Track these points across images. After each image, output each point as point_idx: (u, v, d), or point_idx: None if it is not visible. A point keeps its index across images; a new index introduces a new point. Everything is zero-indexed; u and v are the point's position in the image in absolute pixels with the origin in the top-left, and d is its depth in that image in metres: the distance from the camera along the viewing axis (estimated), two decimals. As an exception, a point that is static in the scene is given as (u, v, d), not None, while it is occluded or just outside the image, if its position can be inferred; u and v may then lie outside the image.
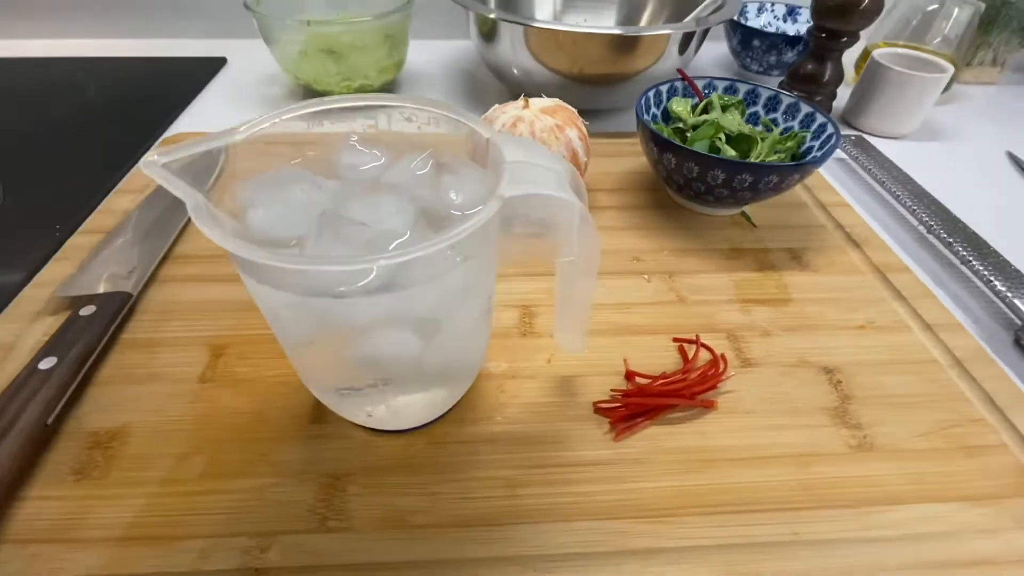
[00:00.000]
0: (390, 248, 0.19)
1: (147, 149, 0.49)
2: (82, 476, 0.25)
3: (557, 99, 0.40)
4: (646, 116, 0.42)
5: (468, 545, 0.23)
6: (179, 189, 0.19)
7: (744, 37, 0.63)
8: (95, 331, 0.29)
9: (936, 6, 0.60)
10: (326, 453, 0.26)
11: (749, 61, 0.65)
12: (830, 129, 0.39)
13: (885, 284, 0.37)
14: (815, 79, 0.54)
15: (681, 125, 0.43)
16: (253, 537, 0.23)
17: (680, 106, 0.43)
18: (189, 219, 0.38)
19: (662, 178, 0.41)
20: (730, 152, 0.39)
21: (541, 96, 0.40)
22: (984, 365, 0.31)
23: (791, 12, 0.69)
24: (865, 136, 0.56)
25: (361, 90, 0.57)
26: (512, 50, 0.50)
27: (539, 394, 0.29)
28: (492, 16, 0.48)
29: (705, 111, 0.43)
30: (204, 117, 0.55)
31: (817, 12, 0.51)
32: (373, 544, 0.23)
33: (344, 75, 0.55)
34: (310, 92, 0.58)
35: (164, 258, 0.36)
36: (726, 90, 0.45)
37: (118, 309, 0.31)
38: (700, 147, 0.39)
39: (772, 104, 0.43)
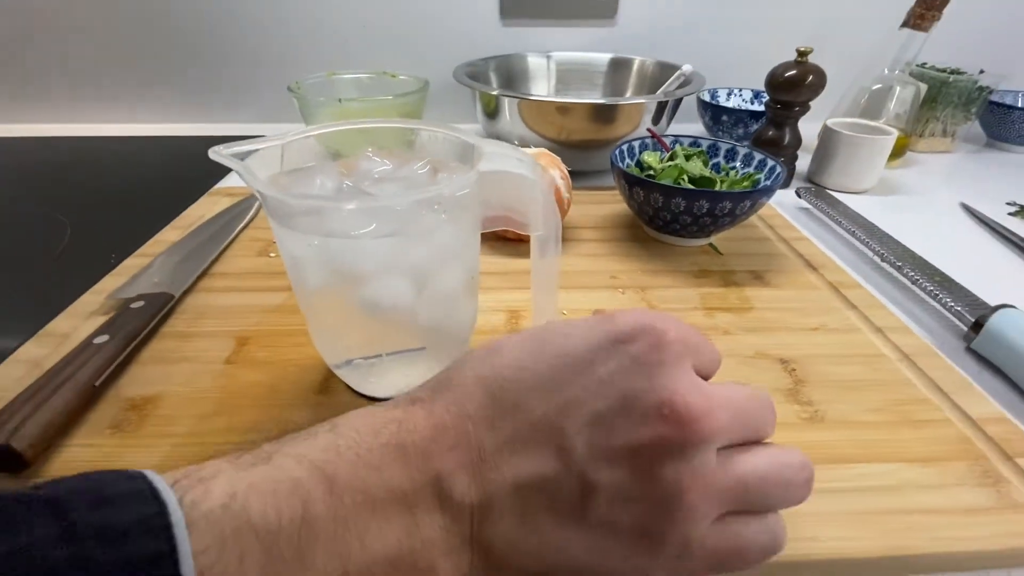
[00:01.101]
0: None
1: (195, 200, 0.57)
2: (117, 430, 0.28)
3: (543, 148, 0.47)
4: (620, 166, 0.49)
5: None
6: (233, 164, 0.25)
7: (714, 114, 0.72)
8: (142, 318, 0.34)
9: (880, 85, 0.69)
10: (329, 414, 0.29)
11: (720, 134, 0.74)
12: (778, 169, 0.45)
13: (839, 297, 0.41)
14: (776, 143, 0.62)
15: (651, 172, 0.49)
16: (260, 477, 0.26)
17: (650, 157, 0.50)
18: (227, 244, 0.45)
19: (635, 212, 0.47)
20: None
21: (529, 147, 0.47)
22: (930, 358, 0.34)
23: (757, 95, 0.79)
24: (829, 191, 0.63)
25: (380, 157, 0.66)
26: (511, 122, 0.59)
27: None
28: (494, 93, 0.57)
29: (671, 160, 0.49)
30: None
31: (771, 86, 0.60)
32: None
33: (368, 145, 0.64)
34: (339, 158, 0.67)
35: (203, 274, 0.42)
36: (691, 144, 0.52)
37: (162, 305, 0.36)
38: (666, 179, 0.45)
39: (730, 155, 0.50)
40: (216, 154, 0.25)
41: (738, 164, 0.50)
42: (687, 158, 0.49)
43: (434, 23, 0.77)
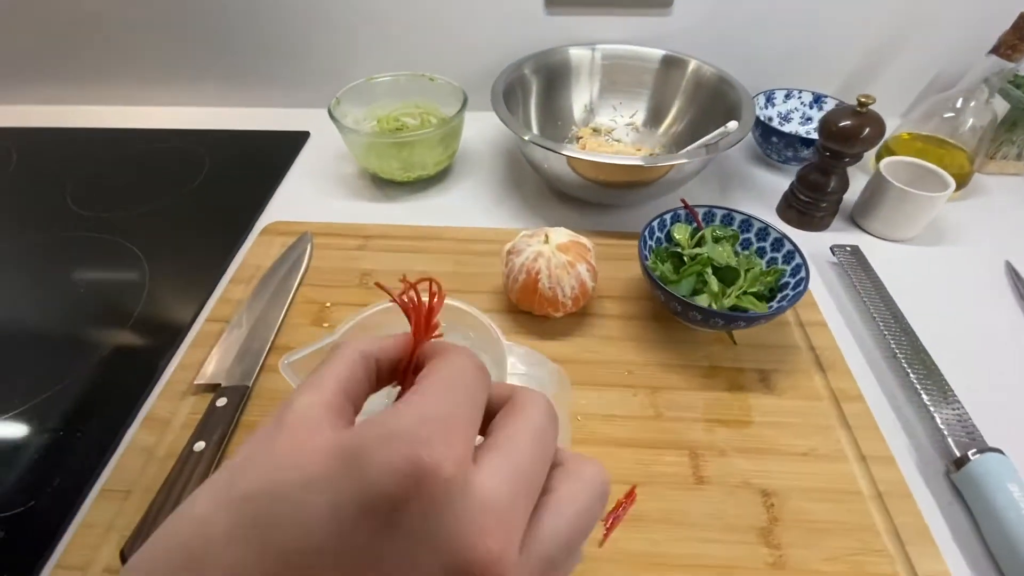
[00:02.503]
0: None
1: (250, 232, 0.61)
2: (222, 531, 0.37)
3: (571, 234, 0.49)
4: (650, 241, 0.50)
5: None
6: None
7: (764, 131, 0.68)
8: (226, 419, 0.41)
9: (958, 100, 0.63)
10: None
11: (769, 151, 0.70)
12: (802, 273, 0.46)
13: (837, 412, 0.44)
14: (820, 188, 0.60)
15: (680, 250, 0.50)
16: None
17: (680, 233, 0.51)
18: (285, 315, 0.50)
19: (657, 298, 0.49)
20: (714, 286, 0.47)
21: (559, 229, 0.49)
22: (901, 500, 0.38)
23: (817, 100, 0.73)
24: (870, 236, 0.62)
25: (419, 179, 0.67)
26: (545, 159, 0.59)
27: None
28: (527, 139, 0.57)
29: (701, 241, 0.50)
30: (293, 197, 0.67)
31: (823, 134, 0.56)
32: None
33: (405, 167, 0.65)
34: (376, 178, 0.69)
35: (269, 349, 0.48)
36: (723, 219, 0.52)
37: (240, 400, 0.43)
38: (686, 284, 0.47)
39: (762, 235, 0.50)
40: (284, 368, 0.30)
41: (768, 247, 0.50)
42: (716, 240, 0.50)
43: (476, 11, 0.72)
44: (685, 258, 0.49)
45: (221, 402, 0.42)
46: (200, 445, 0.39)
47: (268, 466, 0.15)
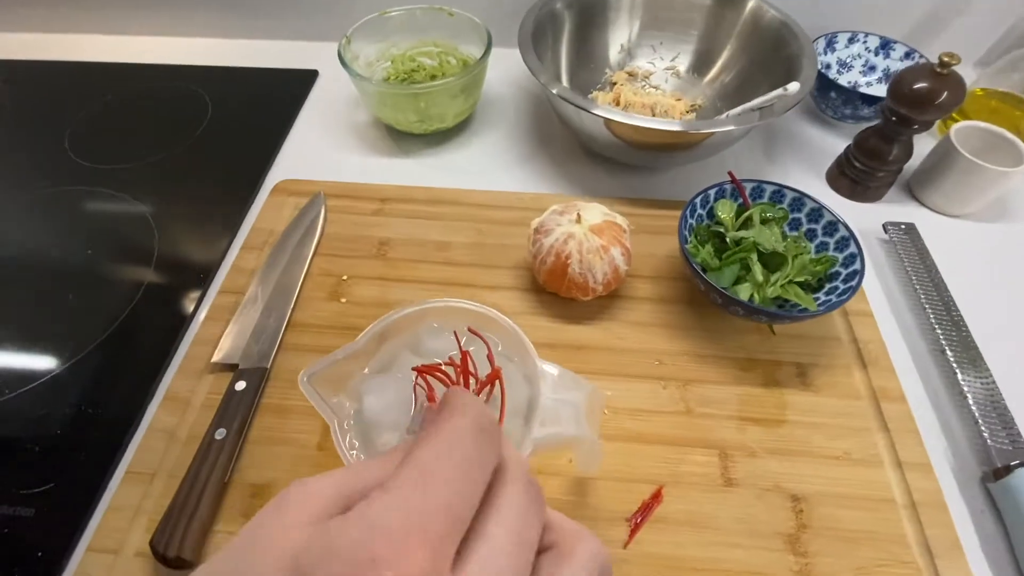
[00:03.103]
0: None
1: (260, 190, 0.58)
2: (248, 519, 0.37)
3: (606, 212, 0.45)
4: (691, 219, 0.46)
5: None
6: (323, 409, 0.28)
7: (822, 84, 0.61)
8: (246, 404, 0.41)
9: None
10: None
11: (824, 107, 0.64)
12: (856, 265, 0.42)
13: (876, 413, 0.42)
14: (879, 155, 0.54)
15: (722, 230, 0.47)
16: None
17: (725, 211, 0.47)
18: (301, 287, 0.48)
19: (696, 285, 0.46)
20: (758, 274, 0.43)
21: (593, 206, 0.45)
22: (934, 510, 0.37)
23: (884, 45, 0.65)
24: (926, 208, 0.57)
25: (437, 131, 0.62)
26: (576, 115, 0.53)
27: (558, 491, 0.38)
28: (555, 92, 0.51)
29: (747, 222, 0.46)
30: (303, 149, 0.62)
31: (893, 96, 0.50)
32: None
33: (422, 119, 0.60)
34: (391, 129, 0.63)
35: (286, 326, 0.46)
36: (773, 195, 0.47)
37: (259, 383, 0.42)
38: (729, 272, 0.43)
39: (814, 216, 0.46)
40: (303, 385, 0.28)
41: (819, 229, 0.46)
42: (764, 221, 0.46)
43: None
44: (728, 240, 0.46)
45: (240, 385, 0.41)
46: (221, 432, 0.39)
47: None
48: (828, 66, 0.65)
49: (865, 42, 0.65)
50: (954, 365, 0.44)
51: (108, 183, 0.58)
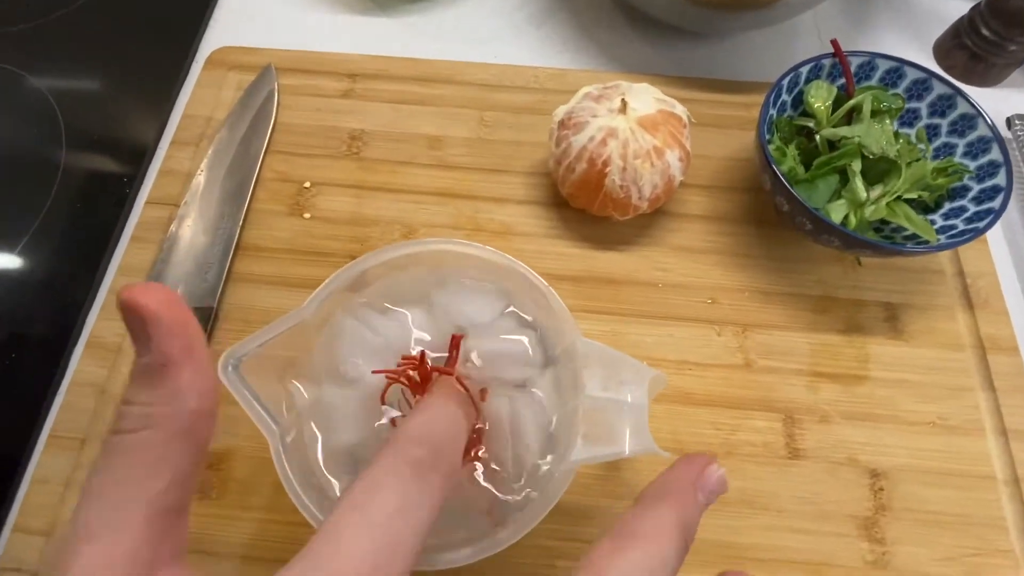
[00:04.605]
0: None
1: (191, 61, 0.44)
2: (203, 496, 0.30)
3: (660, 96, 0.32)
4: (772, 109, 0.34)
5: (509, 604, 0.29)
6: (256, 415, 0.19)
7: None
8: (188, 357, 0.32)
9: None
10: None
11: (946, -53, 0.47)
12: (998, 179, 0.31)
13: (981, 367, 0.34)
14: (1020, 22, 0.40)
15: (812, 126, 0.35)
16: None
17: (818, 98, 0.34)
18: (251, 198, 0.37)
19: (769, 201, 0.35)
20: (860, 190, 0.32)
21: (642, 87, 0.32)
22: (1042, 488, 0.31)
23: None
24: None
25: (424, -21, 0.46)
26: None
27: (585, 466, 0.31)
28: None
29: (850, 115, 0.34)
30: (245, 2, 0.47)
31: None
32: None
33: None
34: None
35: (235, 250, 0.36)
36: (888, 75, 0.34)
37: (204, 326, 0.33)
38: (825, 186, 0.32)
39: (941, 106, 0.34)
40: (229, 379, 0.19)
41: (944, 126, 0.34)
42: (875, 113, 0.33)
43: None
44: (818, 140, 0.34)
45: (178, 332, 0.32)
46: (158, 393, 0.30)
47: None
48: None
49: None
50: (1083, 307, 0.35)
51: (-11, 50, 0.44)
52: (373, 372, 0.19)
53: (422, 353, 0.18)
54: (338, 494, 0.21)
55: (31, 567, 0.29)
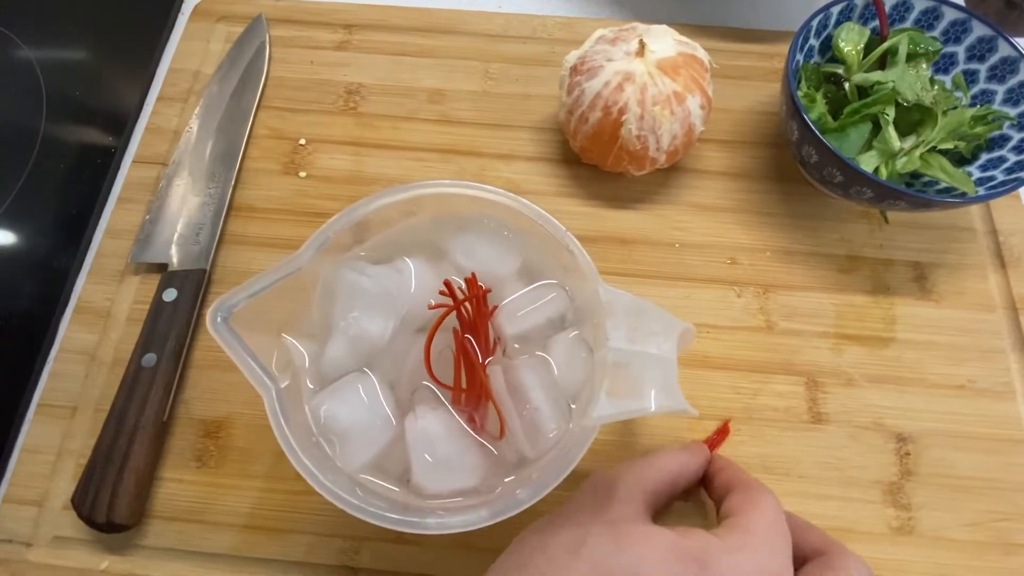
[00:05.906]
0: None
1: (177, 14, 0.41)
2: (202, 464, 0.29)
3: (680, 39, 0.30)
4: (799, 55, 0.31)
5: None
6: (249, 369, 0.18)
7: None
8: (182, 320, 0.30)
9: None
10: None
11: None
12: (1045, 129, 0.29)
13: (1013, 329, 0.32)
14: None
15: (841, 72, 0.32)
16: (347, 540, 0.28)
17: (849, 42, 0.32)
18: (243, 156, 0.35)
19: (794, 156, 0.33)
20: (893, 140, 0.30)
21: (661, 29, 0.30)
22: (1075, 452, 0.30)
23: None
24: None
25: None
26: None
27: (602, 431, 0.30)
28: None
29: (883, 60, 0.31)
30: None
31: None
32: (440, 558, 0.28)
33: None
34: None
35: (227, 211, 0.34)
36: (924, 16, 0.32)
37: (197, 290, 0.31)
38: (856, 135, 0.30)
39: (980, 51, 0.31)
40: (220, 331, 0.17)
41: (982, 71, 0.32)
42: (910, 57, 0.31)
43: None
44: (848, 88, 0.32)
45: (170, 295, 0.31)
46: (150, 358, 0.29)
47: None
48: None
49: None
50: (1121, 265, 0.33)
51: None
52: (430, 307, 0.17)
53: (472, 276, 0.16)
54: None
55: (23, 538, 0.28)
